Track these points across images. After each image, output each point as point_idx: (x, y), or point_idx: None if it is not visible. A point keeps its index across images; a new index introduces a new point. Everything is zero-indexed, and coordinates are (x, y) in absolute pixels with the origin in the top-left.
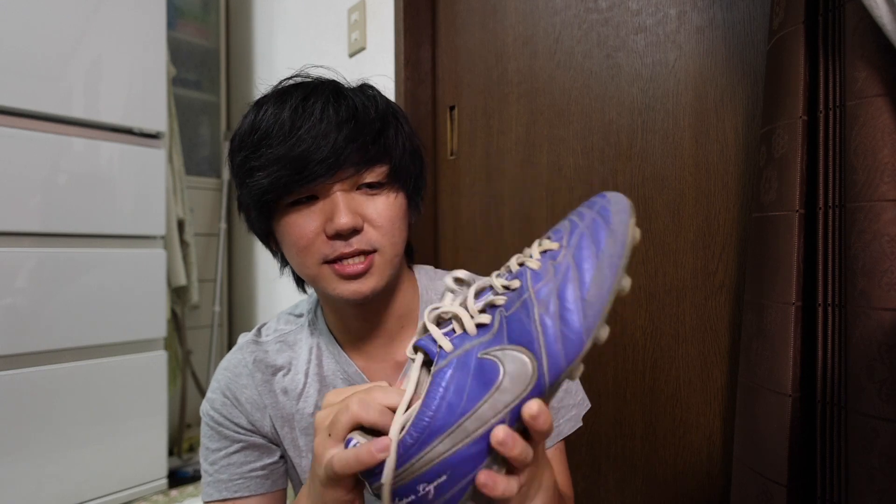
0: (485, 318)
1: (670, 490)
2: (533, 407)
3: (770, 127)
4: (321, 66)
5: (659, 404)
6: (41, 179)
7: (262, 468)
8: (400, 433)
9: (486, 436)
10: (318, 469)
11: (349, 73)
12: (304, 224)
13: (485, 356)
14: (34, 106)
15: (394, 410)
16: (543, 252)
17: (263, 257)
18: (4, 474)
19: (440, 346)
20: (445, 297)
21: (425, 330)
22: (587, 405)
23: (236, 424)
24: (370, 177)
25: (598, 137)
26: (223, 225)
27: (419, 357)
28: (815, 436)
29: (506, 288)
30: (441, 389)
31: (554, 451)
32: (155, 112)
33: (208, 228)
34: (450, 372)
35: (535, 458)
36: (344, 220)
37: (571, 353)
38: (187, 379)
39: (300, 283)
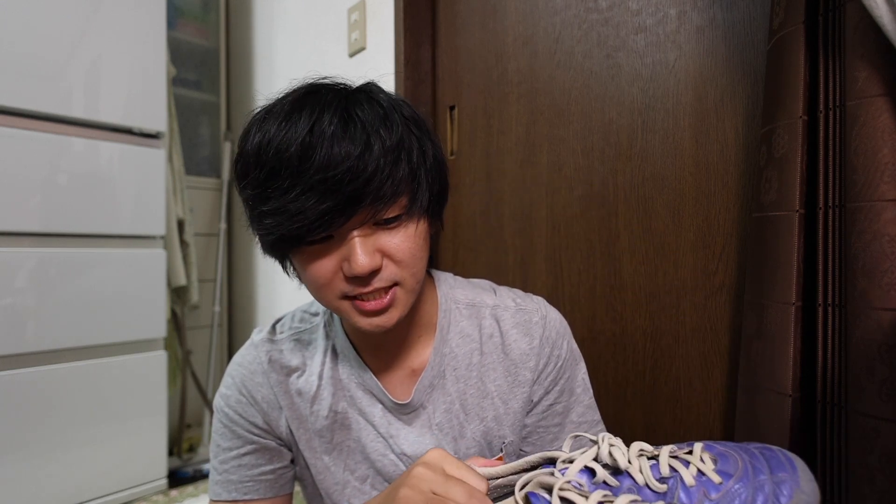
0: None
1: None
2: None
3: (770, 127)
4: (325, 77)
5: (659, 404)
6: (41, 179)
7: (272, 472)
8: None
9: None
10: None
11: (349, 74)
12: (320, 264)
13: None
14: (34, 106)
15: None
16: None
17: (263, 257)
18: (4, 474)
19: None
20: (582, 454)
21: (543, 488)
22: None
23: (251, 423)
24: (388, 213)
25: (598, 137)
26: (223, 225)
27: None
28: (815, 436)
29: None
30: None
31: None
32: (155, 112)
33: (208, 228)
34: None
35: None
36: (362, 262)
37: None
38: (187, 379)
39: None
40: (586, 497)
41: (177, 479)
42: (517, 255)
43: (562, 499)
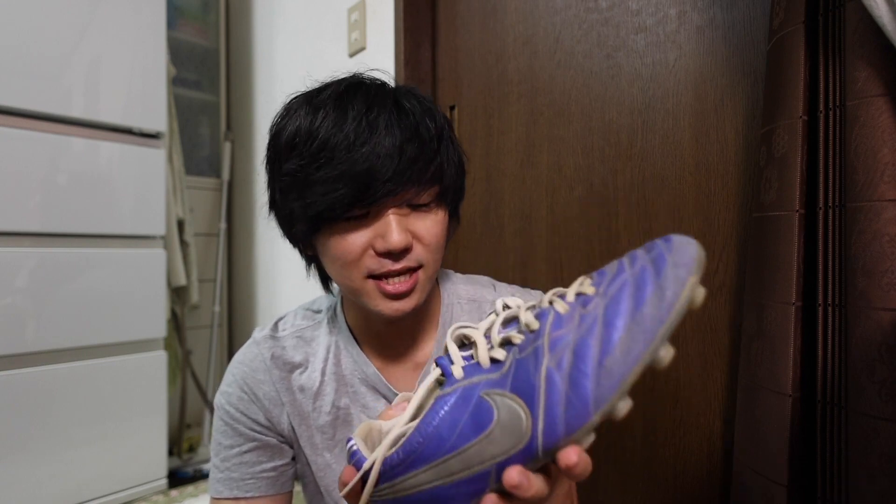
0: (500, 354)
1: (670, 490)
2: (513, 477)
3: (770, 127)
4: (376, 70)
5: (659, 404)
6: (41, 179)
7: (273, 469)
8: (391, 448)
9: (469, 481)
10: None
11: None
12: (352, 240)
13: (486, 396)
14: (34, 106)
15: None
16: (578, 294)
17: (263, 257)
18: (4, 474)
19: (452, 371)
20: (485, 321)
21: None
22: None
23: (253, 420)
24: (423, 198)
25: (598, 137)
26: (223, 225)
27: (435, 373)
28: (815, 436)
29: (527, 327)
30: (437, 417)
31: None
32: (155, 112)
33: (208, 228)
34: (452, 401)
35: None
36: (398, 238)
37: (574, 424)
38: (187, 379)
39: (324, 283)
40: (477, 328)
41: (177, 479)
42: (517, 255)
43: (463, 339)
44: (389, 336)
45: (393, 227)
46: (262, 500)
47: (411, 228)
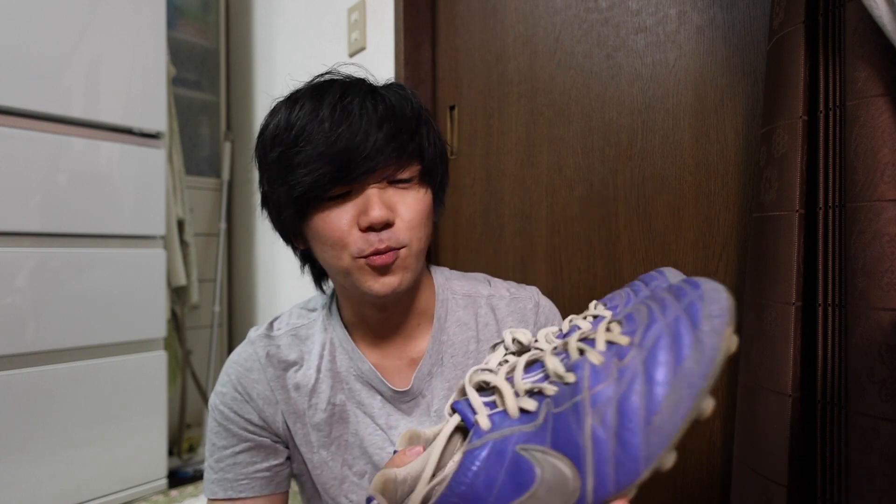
0: (530, 404)
1: (670, 491)
2: None
3: (770, 127)
4: (353, 64)
5: None
6: (41, 179)
7: (268, 469)
8: None
9: None
10: None
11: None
12: (337, 219)
13: (523, 452)
14: (34, 106)
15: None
16: (610, 343)
17: (263, 257)
18: (4, 474)
19: (477, 421)
20: (494, 354)
21: (465, 392)
22: None
23: (247, 421)
24: (404, 174)
25: (598, 137)
26: (223, 225)
27: (453, 420)
28: (815, 436)
29: (559, 378)
30: (470, 474)
31: None
32: (155, 112)
33: (208, 228)
34: (483, 455)
35: None
36: (378, 213)
37: (624, 481)
38: (187, 379)
39: (317, 281)
40: (495, 372)
41: (177, 479)
42: (517, 255)
43: (481, 391)
44: (386, 332)
45: (373, 202)
46: (257, 501)
47: (392, 204)
